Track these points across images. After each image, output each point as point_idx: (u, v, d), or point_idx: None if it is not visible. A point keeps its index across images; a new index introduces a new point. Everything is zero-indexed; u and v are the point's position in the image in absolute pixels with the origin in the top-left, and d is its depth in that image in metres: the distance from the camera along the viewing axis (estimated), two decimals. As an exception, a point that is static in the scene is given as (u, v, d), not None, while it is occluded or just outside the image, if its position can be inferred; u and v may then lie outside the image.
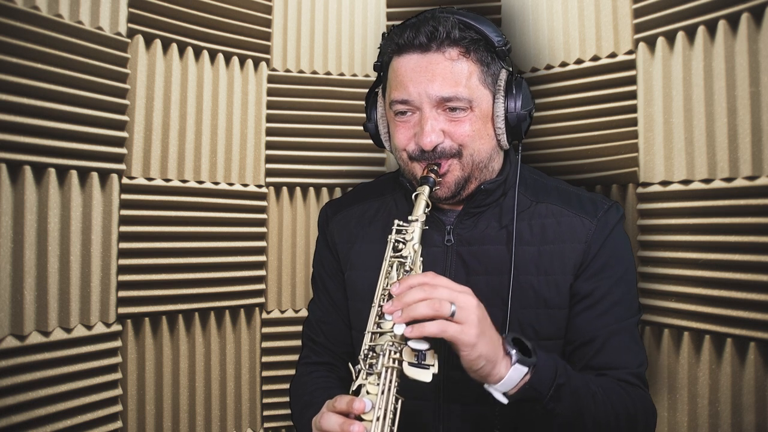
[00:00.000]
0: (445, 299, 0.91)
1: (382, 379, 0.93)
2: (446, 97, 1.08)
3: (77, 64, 1.46)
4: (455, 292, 0.93)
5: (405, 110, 1.13)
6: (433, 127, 1.09)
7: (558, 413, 0.99)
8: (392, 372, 0.93)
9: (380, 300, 1.01)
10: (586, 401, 1.02)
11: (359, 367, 0.97)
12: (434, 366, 0.92)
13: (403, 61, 1.12)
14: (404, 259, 1.02)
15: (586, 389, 1.03)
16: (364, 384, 0.95)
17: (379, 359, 0.95)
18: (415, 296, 0.91)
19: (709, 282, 1.44)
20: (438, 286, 0.92)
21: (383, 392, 0.92)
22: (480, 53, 1.11)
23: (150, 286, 1.64)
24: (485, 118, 1.13)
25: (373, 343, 0.97)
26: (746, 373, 1.38)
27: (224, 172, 1.77)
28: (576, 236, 1.16)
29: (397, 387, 0.94)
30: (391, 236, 1.05)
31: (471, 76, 1.10)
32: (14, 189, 1.37)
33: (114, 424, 1.57)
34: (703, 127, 1.46)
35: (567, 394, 0.99)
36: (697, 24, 1.47)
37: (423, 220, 1.05)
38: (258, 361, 1.86)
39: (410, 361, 0.92)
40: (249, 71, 1.81)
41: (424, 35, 1.08)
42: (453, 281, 0.96)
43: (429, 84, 1.08)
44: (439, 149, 1.10)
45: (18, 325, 1.37)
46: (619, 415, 1.06)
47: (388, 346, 0.94)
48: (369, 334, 0.98)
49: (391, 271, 1.02)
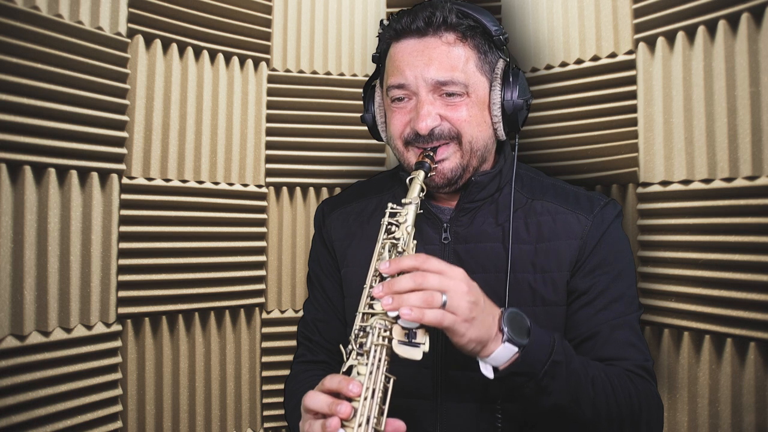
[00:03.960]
0: (435, 288, 0.90)
1: (371, 358, 0.91)
2: (442, 81, 1.09)
3: (77, 64, 1.46)
4: (446, 278, 0.91)
5: (402, 96, 1.13)
6: (429, 111, 1.09)
7: (551, 391, 0.97)
8: (382, 350, 0.92)
9: (372, 281, 1.00)
10: (584, 385, 1.00)
11: (350, 348, 0.95)
12: (425, 344, 0.90)
13: (400, 47, 1.13)
14: (397, 240, 1.01)
15: (585, 373, 1.01)
16: (354, 365, 0.94)
17: (368, 338, 0.93)
18: (405, 285, 0.90)
19: (709, 282, 1.44)
20: (428, 273, 0.91)
21: (371, 372, 0.90)
22: (477, 40, 1.13)
23: (150, 286, 1.64)
24: (482, 105, 1.13)
25: (365, 323, 0.96)
26: (746, 373, 1.38)
27: (224, 172, 1.77)
28: (572, 233, 1.16)
29: (387, 366, 0.92)
30: (384, 219, 1.05)
31: (468, 62, 1.11)
32: (14, 189, 1.37)
33: (114, 424, 1.57)
34: (703, 127, 1.46)
35: (563, 373, 0.97)
36: (697, 24, 1.47)
37: (417, 203, 1.04)
38: (258, 361, 1.86)
39: (400, 339, 0.91)
40: (249, 71, 1.81)
41: (421, 20, 1.10)
42: (444, 262, 0.94)
43: (425, 68, 1.09)
44: (436, 132, 1.10)
45: (18, 325, 1.37)
46: (621, 405, 1.03)
47: (377, 324, 0.93)
48: (360, 314, 0.97)
49: (384, 252, 1.02)
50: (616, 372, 1.07)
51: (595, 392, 1.01)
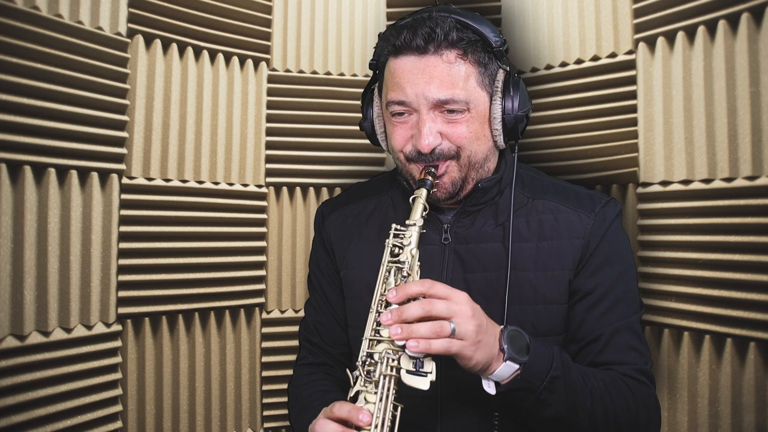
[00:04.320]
0: (443, 314, 0.91)
1: (380, 387, 0.93)
2: (443, 100, 1.08)
3: (77, 64, 1.46)
4: (452, 304, 0.93)
5: (402, 111, 1.12)
6: (431, 130, 1.09)
7: (550, 404, 0.99)
8: (390, 380, 0.94)
9: (378, 306, 1.00)
10: (582, 396, 1.02)
11: (357, 374, 0.97)
12: (432, 374, 0.92)
13: (400, 63, 1.11)
14: (402, 264, 1.02)
15: (583, 384, 1.03)
16: (361, 391, 0.95)
17: (377, 367, 0.95)
18: (413, 313, 0.92)
19: (709, 282, 1.44)
20: (435, 300, 0.93)
21: (381, 401, 0.92)
22: (478, 54, 1.11)
23: (150, 286, 1.64)
24: (482, 120, 1.12)
25: (371, 350, 0.97)
26: (746, 373, 1.38)
27: (224, 172, 1.77)
28: (574, 232, 1.16)
29: (395, 395, 0.94)
30: (389, 240, 1.05)
31: (468, 78, 1.09)
32: (14, 189, 1.37)
33: (114, 424, 1.57)
34: (703, 127, 1.46)
35: (561, 387, 0.99)
36: (697, 24, 1.47)
37: (421, 224, 1.04)
38: (258, 361, 1.86)
39: (408, 368, 0.92)
40: (249, 71, 1.81)
41: (421, 38, 1.07)
42: (449, 285, 0.96)
43: (426, 86, 1.08)
44: (437, 151, 1.10)
45: (18, 325, 1.37)
46: (619, 414, 1.06)
47: (386, 353, 0.94)
48: (367, 340, 0.98)
49: (389, 277, 1.02)
50: (614, 379, 1.09)
51: (593, 402, 1.03)
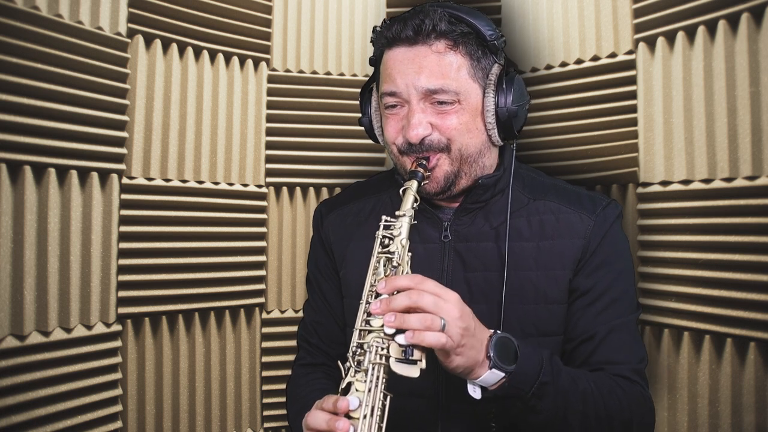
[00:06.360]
0: (430, 309, 0.91)
1: (369, 375, 0.93)
2: (432, 89, 1.08)
3: (77, 64, 1.46)
4: (441, 301, 0.93)
5: (394, 103, 1.13)
6: (420, 120, 1.09)
7: (540, 410, 0.99)
8: (379, 368, 0.93)
9: (368, 297, 1.00)
10: (573, 401, 1.02)
11: (348, 365, 0.97)
12: (422, 361, 0.92)
13: (392, 54, 1.13)
14: (391, 254, 1.02)
15: (574, 389, 1.03)
16: (353, 381, 0.95)
17: (366, 356, 0.95)
18: (400, 303, 0.92)
19: (709, 282, 1.44)
20: (424, 293, 0.93)
21: (370, 390, 0.92)
22: (469, 47, 1.11)
23: (150, 286, 1.64)
24: (474, 112, 1.12)
25: (362, 340, 0.97)
26: (746, 373, 1.38)
27: (224, 172, 1.77)
28: (575, 232, 1.16)
29: (385, 384, 0.94)
30: (379, 232, 1.05)
31: (459, 69, 1.10)
32: (14, 189, 1.37)
33: (114, 424, 1.57)
34: (703, 127, 1.46)
35: (550, 393, 0.99)
36: (697, 24, 1.47)
37: (411, 215, 1.04)
38: (258, 361, 1.86)
39: (397, 356, 0.92)
40: (249, 71, 1.81)
41: (410, 28, 1.09)
42: (446, 284, 0.96)
43: (416, 76, 1.08)
44: (426, 142, 1.10)
45: (18, 325, 1.37)
46: (612, 415, 1.06)
47: (375, 342, 0.94)
48: (357, 331, 0.98)
49: (379, 267, 1.02)
50: (606, 381, 1.09)
51: (584, 405, 1.03)
